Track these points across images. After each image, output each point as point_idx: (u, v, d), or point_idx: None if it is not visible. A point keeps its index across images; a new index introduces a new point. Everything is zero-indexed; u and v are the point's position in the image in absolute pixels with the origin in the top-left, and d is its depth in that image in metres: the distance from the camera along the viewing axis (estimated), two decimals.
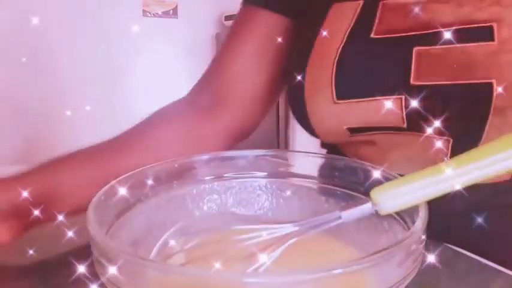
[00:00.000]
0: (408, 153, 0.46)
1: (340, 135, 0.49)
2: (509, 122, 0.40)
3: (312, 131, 0.50)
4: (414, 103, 0.42)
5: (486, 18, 0.39)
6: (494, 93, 0.39)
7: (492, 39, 0.39)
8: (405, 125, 0.44)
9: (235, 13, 0.60)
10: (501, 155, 0.27)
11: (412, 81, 0.42)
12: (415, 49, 0.42)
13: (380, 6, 0.46)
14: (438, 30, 0.41)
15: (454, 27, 0.40)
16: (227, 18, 2.02)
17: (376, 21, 0.45)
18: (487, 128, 0.40)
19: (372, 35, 0.45)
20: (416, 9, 0.43)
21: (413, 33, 0.42)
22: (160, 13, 2.03)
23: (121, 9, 1.92)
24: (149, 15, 2.00)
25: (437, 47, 0.41)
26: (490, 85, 0.39)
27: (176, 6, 2.06)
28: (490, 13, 0.39)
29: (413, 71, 0.42)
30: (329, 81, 0.44)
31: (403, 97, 0.42)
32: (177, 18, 2.07)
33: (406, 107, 0.43)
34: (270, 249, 0.30)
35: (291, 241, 0.30)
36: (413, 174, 0.29)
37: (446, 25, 0.40)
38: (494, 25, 0.39)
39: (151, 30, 1.99)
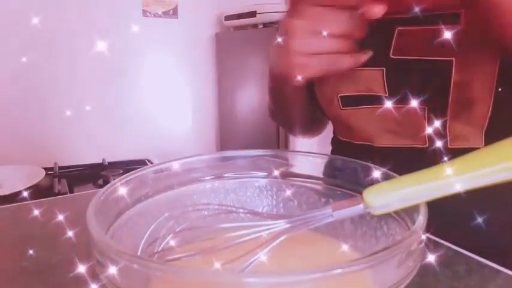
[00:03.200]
0: (390, 126, 0.52)
1: (333, 106, 0.56)
2: (467, 96, 0.46)
3: (317, 102, 0.59)
4: (393, 74, 0.50)
5: (458, 4, 0.45)
6: (453, 70, 0.45)
7: (459, 23, 0.44)
8: (387, 94, 0.50)
9: (235, 13, 0.61)
10: (502, 165, 0.26)
11: (391, 55, 0.49)
12: (397, 29, 0.48)
13: None
14: (418, 15, 0.47)
15: (430, 13, 0.46)
16: (227, 18, 2.02)
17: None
18: (450, 100, 0.46)
19: None
20: None
21: (398, 16, 0.49)
22: (160, 13, 2.02)
23: (121, 9, 1.92)
24: (149, 15, 2.00)
25: (416, 27, 0.47)
26: (451, 62, 0.45)
27: (176, 6, 2.06)
28: (462, 1, 0.44)
29: (393, 46, 0.49)
30: None
31: (384, 69, 0.50)
32: (177, 18, 2.07)
33: (387, 77, 0.50)
34: (263, 246, 0.30)
35: (283, 237, 0.30)
36: (409, 175, 0.29)
37: (426, 10, 0.46)
38: (462, 11, 0.44)
39: (151, 30, 1.99)
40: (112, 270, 0.24)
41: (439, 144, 0.49)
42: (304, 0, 0.42)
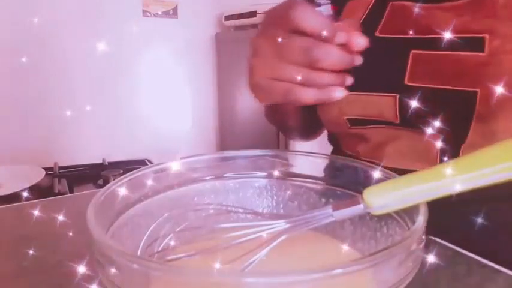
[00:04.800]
0: (400, 148, 0.48)
1: (340, 125, 0.52)
2: (490, 128, 0.41)
3: (319, 119, 0.55)
4: (407, 102, 0.44)
5: (480, 29, 0.40)
6: (478, 102, 0.41)
7: (482, 50, 0.40)
8: (398, 121, 0.46)
9: (235, 13, 0.60)
10: (502, 165, 0.26)
11: (406, 82, 0.44)
12: (412, 52, 0.44)
13: (389, 7, 0.48)
14: (435, 36, 0.42)
15: (449, 35, 0.41)
16: (227, 18, 2.02)
17: (383, 20, 0.48)
18: (471, 131, 0.42)
19: (377, 33, 0.47)
20: (420, 14, 0.45)
21: (413, 36, 0.44)
22: (160, 13, 2.02)
23: (121, 9, 1.92)
24: (149, 15, 2.00)
25: (432, 52, 0.43)
26: (475, 94, 0.41)
27: (176, 6, 2.06)
28: (485, 24, 0.40)
29: (408, 72, 0.44)
30: None
31: (398, 96, 0.45)
32: (177, 18, 2.07)
33: (400, 104, 0.45)
34: (263, 246, 0.30)
35: (283, 237, 0.30)
36: (410, 175, 0.29)
37: (443, 32, 0.42)
38: (487, 36, 0.40)
39: (151, 30, 1.99)
40: (112, 270, 0.24)
41: None
42: (275, 23, 0.38)
